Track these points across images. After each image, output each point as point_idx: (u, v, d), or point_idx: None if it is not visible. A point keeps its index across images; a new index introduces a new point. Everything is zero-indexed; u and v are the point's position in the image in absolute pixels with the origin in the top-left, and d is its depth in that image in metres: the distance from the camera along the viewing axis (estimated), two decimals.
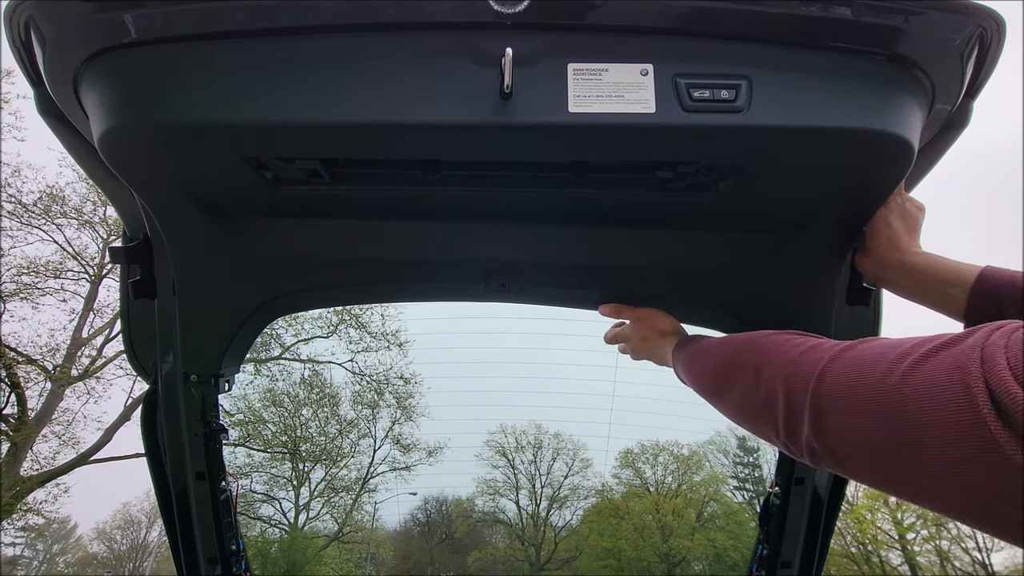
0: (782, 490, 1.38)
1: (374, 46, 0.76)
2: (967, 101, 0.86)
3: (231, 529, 1.45)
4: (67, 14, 0.74)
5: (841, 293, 1.12)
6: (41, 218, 14.16)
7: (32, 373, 13.84)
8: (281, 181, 0.96)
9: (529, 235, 1.10)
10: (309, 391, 20.95)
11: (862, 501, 24.46)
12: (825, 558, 1.44)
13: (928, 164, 0.95)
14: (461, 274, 1.19)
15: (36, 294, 14.12)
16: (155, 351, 1.26)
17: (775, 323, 1.16)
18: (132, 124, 0.78)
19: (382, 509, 25.67)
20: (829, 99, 0.76)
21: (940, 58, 0.77)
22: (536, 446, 27.88)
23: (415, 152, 0.85)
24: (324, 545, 23.67)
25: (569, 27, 0.76)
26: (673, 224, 1.06)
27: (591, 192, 0.98)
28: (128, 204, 1.07)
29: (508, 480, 27.98)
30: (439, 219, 1.07)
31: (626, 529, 25.42)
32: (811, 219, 0.96)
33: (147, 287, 1.16)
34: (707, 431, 26.58)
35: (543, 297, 1.25)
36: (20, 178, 13.82)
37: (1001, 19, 0.75)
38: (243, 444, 19.99)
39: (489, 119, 0.75)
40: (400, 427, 22.59)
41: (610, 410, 24.05)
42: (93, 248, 15.15)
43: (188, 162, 0.87)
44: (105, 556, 33.81)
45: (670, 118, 0.74)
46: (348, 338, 18.15)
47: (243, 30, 0.76)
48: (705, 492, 26.80)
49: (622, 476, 27.45)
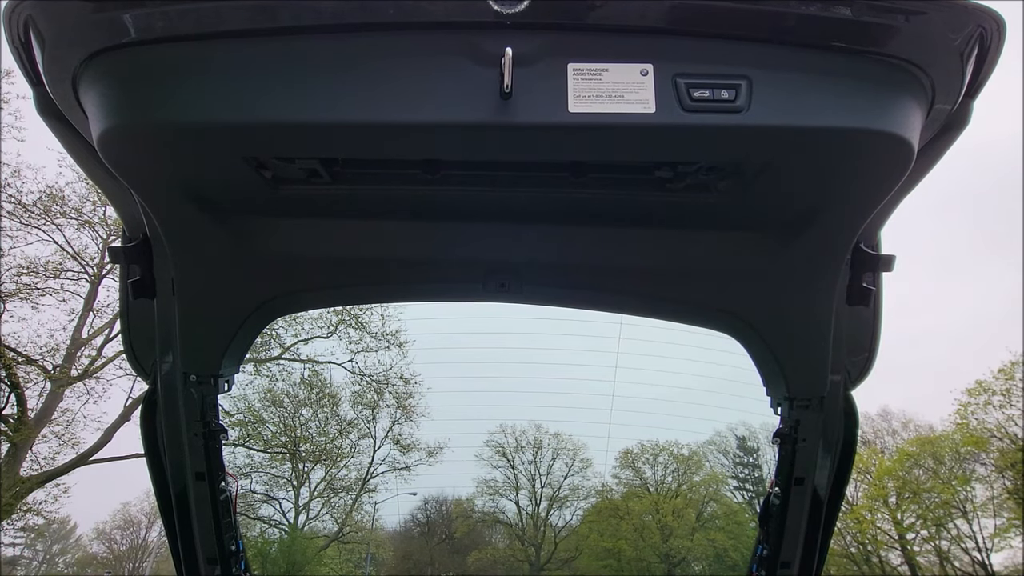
0: (782, 490, 1.38)
1: (374, 46, 0.76)
2: (967, 101, 0.86)
3: (231, 529, 1.45)
4: (66, 14, 0.74)
5: (841, 293, 1.12)
6: (41, 218, 14.15)
7: (32, 373, 13.84)
8: (281, 181, 0.96)
9: (529, 235, 1.10)
10: (309, 391, 20.94)
11: (862, 501, 24.46)
12: (825, 558, 1.44)
13: (928, 164, 0.94)
14: (461, 274, 1.19)
15: (36, 294, 14.12)
16: (155, 351, 1.26)
17: (775, 323, 1.16)
18: (131, 124, 0.78)
19: (382, 509, 25.66)
20: (829, 99, 0.76)
21: (940, 58, 0.77)
22: (536, 446, 27.88)
23: (415, 152, 0.85)
24: (324, 545, 23.67)
25: (569, 27, 0.76)
26: (673, 224, 1.06)
27: (591, 192, 0.98)
28: (127, 204, 1.06)
29: (508, 480, 28.00)
30: (439, 219, 1.07)
31: (626, 529, 25.42)
32: (811, 219, 0.96)
33: (147, 287, 1.16)
34: (707, 431, 26.61)
35: (543, 297, 1.25)
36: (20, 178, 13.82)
37: (1001, 19, 0.75)
38: (243, 444, 19.98)
39: (489, 119, 0.75)
40: (400, 427, 22.60)
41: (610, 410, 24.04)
42: (93, 248, 15.16)
43: (187, 162, 0.87)
44: (105, 556, 33.80)
45: (670, 118, 0.74)
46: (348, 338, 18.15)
47: (243, 30, 0.76)
48: (705, 492, 26.80)
49: (622, 476, 27.47)
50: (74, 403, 14.89)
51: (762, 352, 1.23)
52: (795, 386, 1.24)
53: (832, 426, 1.32)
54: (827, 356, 1.18)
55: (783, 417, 1.31)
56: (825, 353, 1.17)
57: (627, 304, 1.26)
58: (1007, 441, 20.62)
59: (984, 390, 20.94)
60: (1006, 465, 20.60)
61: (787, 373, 1.23)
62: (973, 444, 21.45)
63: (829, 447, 1.34)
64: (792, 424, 1.30)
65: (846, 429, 1.35)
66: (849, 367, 1.30)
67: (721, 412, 25.22)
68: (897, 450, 25.26)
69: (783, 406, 1.30)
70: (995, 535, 21.72)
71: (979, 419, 21.31)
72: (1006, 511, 21.27)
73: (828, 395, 1.25)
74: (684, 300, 1.20)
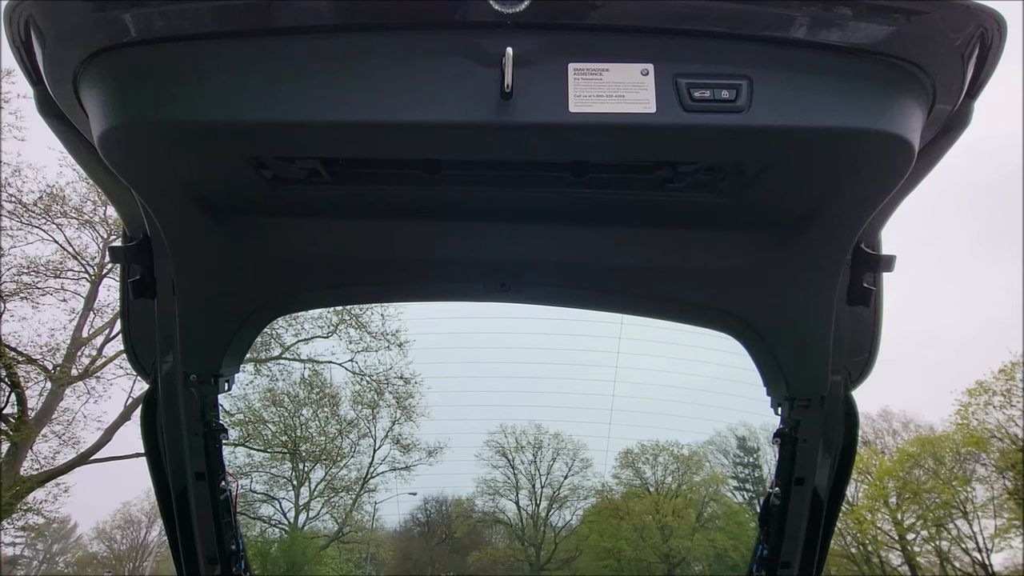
0: (782, 490, 1.38)
1: (374, 46, 0.76)
2: (968, 101, 0.86)
3: (231, 529, 1.45)
4: (67, 13, 0.74)
5: (841, 293, 1.12)
6: (41, 218, 14.15)
7: (32, 373, 13.84)
8: (281, 180, 0.96)
9: (529, 235, 1.10)
10: (309, 391, 20.95)
11: (862, 501, 24.46)
12: (825, 558, 1.44)
13: (929, 164, 0.94)
14: (461, 274, 1.19)
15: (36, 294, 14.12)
16: (155, 351, 1.26)
17: (776, 323, 1.16)
18: (132, 123, 0.78)
19: (382, 509, 25.64)
20: (830, 99, 0.76)
21: (941, 58, 0.77)
22: (536, 446, 27.86)
23: (415, 152, 0.85)
24: (324, 545, 23.65)
25: (569, 27, 0.76)
26: (673, 224, 1.06)
27: (591, 192, 0.98)
28: (128, 203, 1.07)
29: (508, 480, 27.97)
30: (439, 219, 1.07)
31: (626, 529, 25.40)
32: (811, 219, 0.96)
33: (147, 287, 1.16)
34: (707, 431, 26.59)
35: (543, 297, 1.25)
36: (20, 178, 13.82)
37: (1002, 19, 0.75)
38: (243, 444, 19.99)
39: (490, 119, 0.75)
40: (400, 427, 22.59)
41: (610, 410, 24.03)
42: (93, 248, 15.16)
43: (188, 161, 0.87)
44: (105, 556, 33.80)
45: (671, 118, 0.74)
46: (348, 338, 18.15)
47: (243, 30, 0.76)
48: (705, 492, 26.78)
49: (622, 476, 27.44)
50: (74, 402, 14.90)
51: (762, 352, 1.22)
52: (795, 386, 1.24)
53: (832, 426, 1.32)
54: (827, 356, 1.18)
55: (783, 417, 1.31)
56: (825, 353, 1.17)
57: (627, 304, 1.26)
58: (1007, 441, 20.62)
59: (984, 390, 20.94)
60: (1006, 466, 20.59)
61: (787, 373, 1.22)
62: (973, 444, 21.44)
63: (829, 447, 1.34)
64: (792, 424, 1.30)
65: (846, 429, 1.35)
66: (849, 367, 1.30)
67: (721, 412, 25.20)
68: (897, 450, 25.26)
69: (783, 406, 1.30)
70: (995, 535, 21.72)
71: (979, 419, 21.32)
72: (1006, 512, 21.27)
73: (828, 395, 1.25)
74: (684, 300, 1.20)
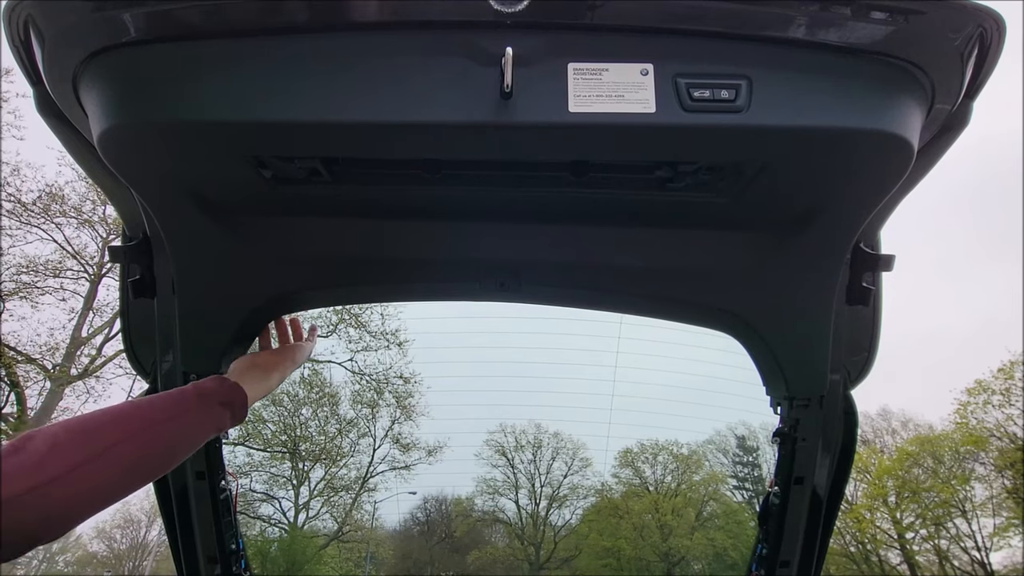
0: (781, 489, 1.38)
1: (374, 45, 0.76)
2: (967, 101, 0.86)
3: (231, 528, 1.45)
4: (66, 13, 0.74)
5: (841, 293, 1.12)
6: (40, 217, 14.15)
7: (32, 372, 13.84)
8: (281, 180, 0.96)
9: (528, 234, 1.10)
10: (309, 390, 20.96)
11: (861, 500, 24.50)
12: (824, 557, 1.44)
13: (928, 164, 0.94)
14: (461, 274, 1.19)
15: (35, 293, 14.12)
16: (155, 350, 1.26)
17: (775, 323, 1.16)
18: (131, 123, 0.78)
19: (382, 508, 25.66)
20: (829, 99, 0.76)
21: (940, 58, 0.77)
22: (536, 445, 27.88)
23: (415, 151, 0.85)
24: (324, 544, 23.66)
25: (569, 26, 0.76)
26: (673, 223, 1.06)
27: (591, 192, 0.98)
28: (127, 203, 1.07)
29: (508, 479, 27.99)
30: (439, 218, 1.07)
31: (626, 528, 25.43)
32: (810, 219, 0.96)
33: (147, 286, 1.16)
34: (707, 430, 26.61)
35: (543, 296, 1.25)
36: (19, 177, 13.81)
37: (1001, 19, 0.75)
38: (243, 444, 19.99)
39: (489, 119, 0.75)
40: (400, 426, 22.61)
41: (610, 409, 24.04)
42: (92, 247, 15.16)
43: (188, 161, 0.87)
44: (105, 555, 33.82)
45: (670, 118, 0.74)
46: (348, 337, 18.18)
47: (243, 29, 0.76)
48: (705, 491, 26.80)
49: (621, 475, 27.46)
50: (74, 402, 14.92)
51: (762, 352, 1.23)
52: (795, 385, 1.24)
53: (832, 425, 1.32)
54: (827, 355, 1.18)
55: (783, 416, 1.31)
56: (825, 352, 1.17)
57: (627, 304, 1.26)
58: (1006, 440, 20.66)
59: (983, 389, 20.99)
60: (1005, 464, 20.64)
61: (787, 372, 1.23)
62: (972, 443, 21.49)
63: (829, 446, 1.34)
64: (792, 423, 1.30)
65: (846, 428, 1.35)
66: (849, 366, 1.30)
67: (720, 411, 25.25)
68: (896, 449, 25.31)
69: (783, 405, 1.30)
70: (994, 534, 21.78)
71: (978, 418, 21.36)
72: (1005, 510, 21.32)
73: (828, 394, 1.25)
74: (684, 300, 1.20)
